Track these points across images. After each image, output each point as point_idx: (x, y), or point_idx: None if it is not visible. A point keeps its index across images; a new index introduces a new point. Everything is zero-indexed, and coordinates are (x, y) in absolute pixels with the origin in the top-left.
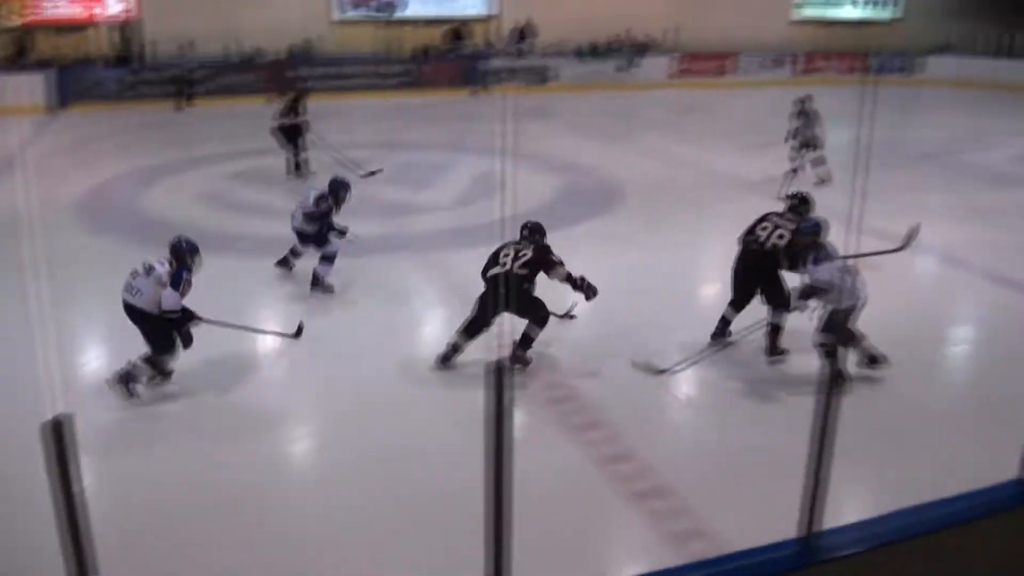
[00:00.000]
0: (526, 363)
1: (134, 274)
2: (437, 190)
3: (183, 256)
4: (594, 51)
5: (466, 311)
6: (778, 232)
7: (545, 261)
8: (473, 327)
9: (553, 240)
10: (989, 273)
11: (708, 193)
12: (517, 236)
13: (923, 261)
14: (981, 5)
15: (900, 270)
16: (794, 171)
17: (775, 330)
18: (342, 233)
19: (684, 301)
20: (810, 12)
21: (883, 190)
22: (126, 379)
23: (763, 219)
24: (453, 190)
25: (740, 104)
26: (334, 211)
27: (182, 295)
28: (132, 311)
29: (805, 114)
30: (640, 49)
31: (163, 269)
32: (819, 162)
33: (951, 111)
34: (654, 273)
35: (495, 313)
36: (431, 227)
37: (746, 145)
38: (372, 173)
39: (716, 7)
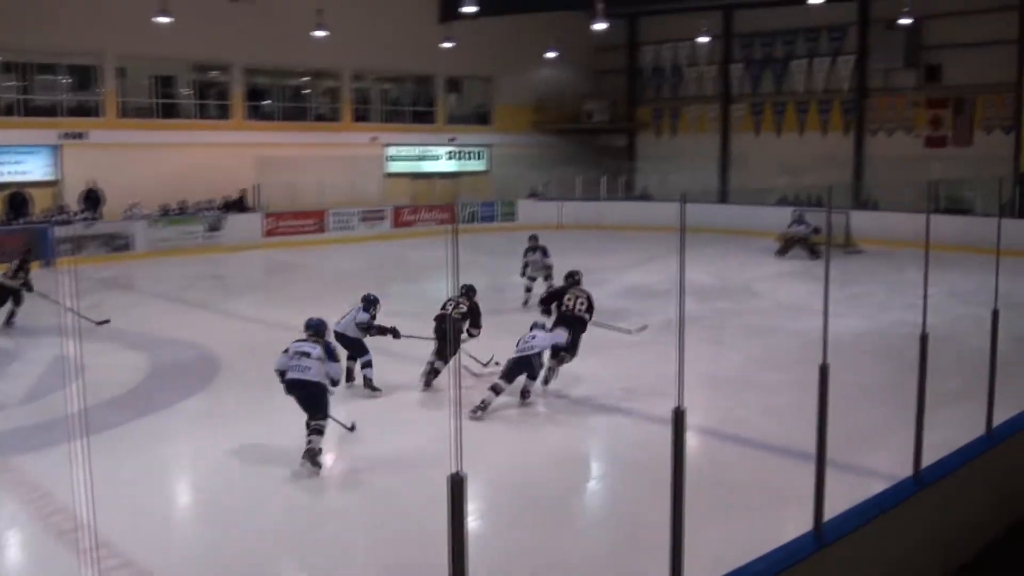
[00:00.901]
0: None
1: (294, 357)
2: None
3: (323, 333)
4: (181, 211)
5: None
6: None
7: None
8: (441, 351)
9: (145, 425)
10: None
11: None
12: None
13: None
14: (561, 157)
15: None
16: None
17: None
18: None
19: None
20: (400, 167)
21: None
22: (314, 455)
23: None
24: (20, 383)
25: (338, 260)
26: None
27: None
28: (301, 385)
29: (537, 249)
30: (231, 206)
31: (317, 350)
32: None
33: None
34: (261, 455)
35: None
36: None
37: (342, 302)
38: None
39: (305, 165)
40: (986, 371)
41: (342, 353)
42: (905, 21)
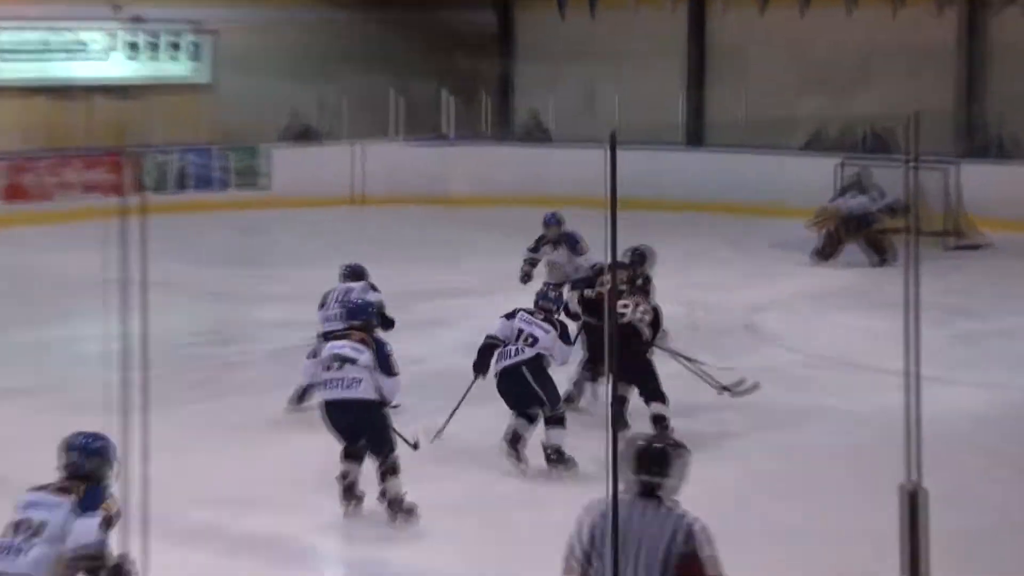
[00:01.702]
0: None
1: (331, 367)
2: None
3: (373, 327)
4: None
5: None
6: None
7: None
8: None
9: None
10: None
11: None
12: None
13: None
14: (363, 55)
15: None
16: None
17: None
18: None
19: None
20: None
21: None
22: (398, 505)
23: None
24: None
25: None
26: None
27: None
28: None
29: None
30: None
31: (366, 355)
32: None
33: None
34: None
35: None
36: None
37: None
38: None
39: None
40: None
41: None
42: None
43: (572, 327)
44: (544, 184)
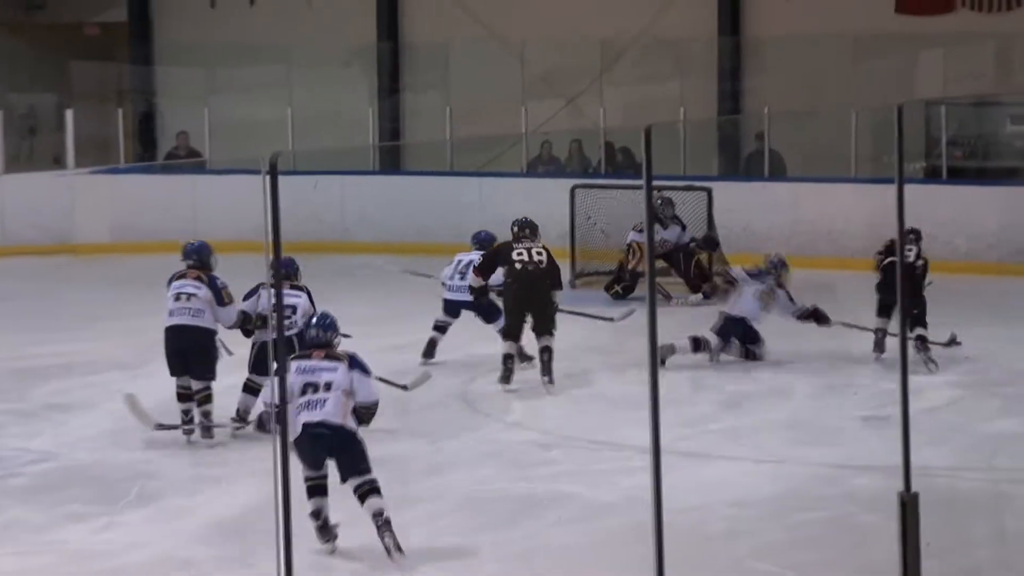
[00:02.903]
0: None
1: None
2: None
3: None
4: None
5: None
6: None
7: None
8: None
9: None
10: None
11: None
12: None
13: None
14: None
15: None
16: None
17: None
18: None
19: None
20: None
21: None
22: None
23: None
24: None
25: None
26: None
27: None
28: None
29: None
30: None
31: (203, 290)
32: None
33: None
34: None
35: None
36: None
37: None
38: None
39: None
40: None
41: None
42: None
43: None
44: (197, 222)
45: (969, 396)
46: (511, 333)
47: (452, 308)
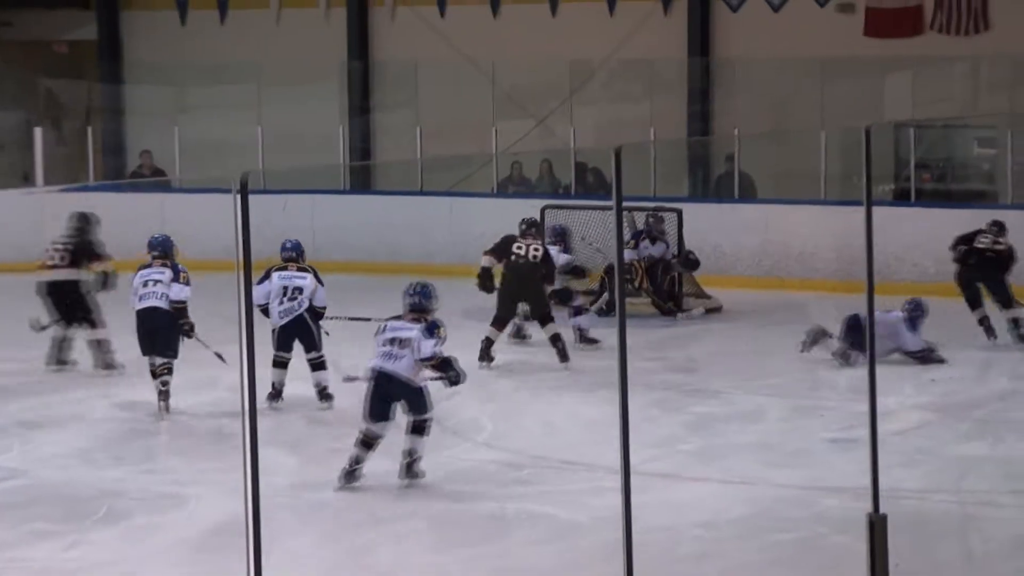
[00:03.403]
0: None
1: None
2: None
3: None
4: None
5: None
6: None
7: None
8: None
9: None
10: None
11: None
12: None
13: None
14: None
15: None
16: None
17: None
18: None
19: None
20: None
21: None
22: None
23: None
24: None
25: None
26: None
27: None
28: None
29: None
30: None
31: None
32: None
33: None
34: None
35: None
36: None
37: None
38: None
39: None
40: None
41: None
42: None
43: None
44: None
45: (937, 420)
46: (497, 320)
47: None
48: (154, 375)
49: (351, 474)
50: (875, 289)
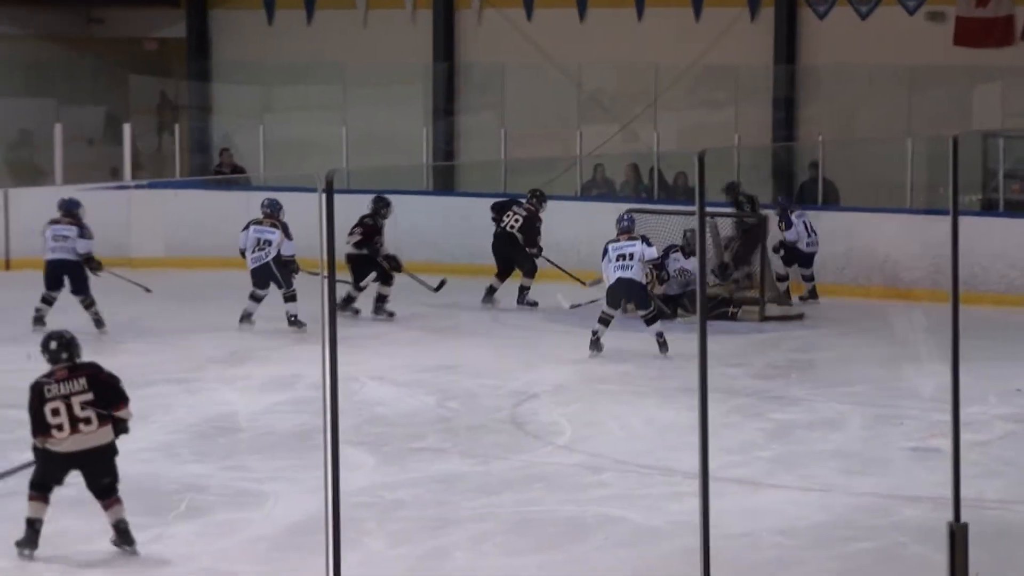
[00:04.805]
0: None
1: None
2: None
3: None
4: None
5: None
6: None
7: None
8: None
9: None
10: None
11: None
12: None
13: None
14: None
15: None
16: None
17: None
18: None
19: None
20: None
21: None
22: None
23: None
24: None
25: None
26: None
27: None
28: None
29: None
30: None
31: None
32: None
33: None
34: None
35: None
36: None
37: None
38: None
39: None
40: None
41: None
42: None
43: None
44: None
45: (1020, 430)
46: (497, 273)
47: None
48: (47, 302)
49: (595, 344)
50: (960, 299)
